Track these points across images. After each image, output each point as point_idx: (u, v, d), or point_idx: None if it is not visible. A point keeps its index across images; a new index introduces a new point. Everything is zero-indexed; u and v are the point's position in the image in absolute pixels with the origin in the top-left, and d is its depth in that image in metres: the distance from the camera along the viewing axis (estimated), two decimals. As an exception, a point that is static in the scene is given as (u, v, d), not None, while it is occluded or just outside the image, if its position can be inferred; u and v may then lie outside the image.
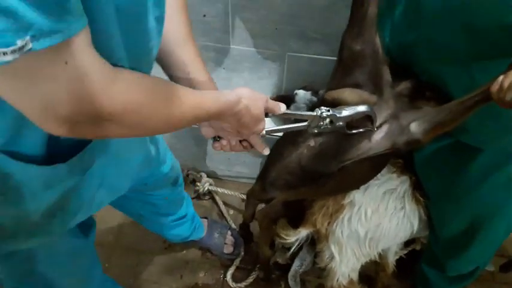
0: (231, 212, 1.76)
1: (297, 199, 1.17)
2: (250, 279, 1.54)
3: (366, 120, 0.87)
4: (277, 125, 0.85)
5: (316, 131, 0.85)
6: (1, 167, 0.58)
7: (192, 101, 0.61)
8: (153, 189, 1.13)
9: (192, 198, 1.76)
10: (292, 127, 0.84)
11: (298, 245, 1.20)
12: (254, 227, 1.58)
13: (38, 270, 0.86)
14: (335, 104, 0.93)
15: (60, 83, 0.43)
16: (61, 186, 0.67)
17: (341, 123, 0.84)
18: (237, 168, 1.78)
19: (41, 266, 0.86)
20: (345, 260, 1.13)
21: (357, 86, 0.96)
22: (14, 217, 0.66)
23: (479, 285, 1.53)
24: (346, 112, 0.83)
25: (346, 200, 1.07)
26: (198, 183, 1.76)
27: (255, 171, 1.76)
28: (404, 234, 1.10)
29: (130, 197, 1.09)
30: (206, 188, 1.74)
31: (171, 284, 1.56)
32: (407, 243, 1.25)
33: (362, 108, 0.84)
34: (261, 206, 1.37)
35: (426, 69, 0.90)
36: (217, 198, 1.76)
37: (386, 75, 0.92)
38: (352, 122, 0.86)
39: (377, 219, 1.05)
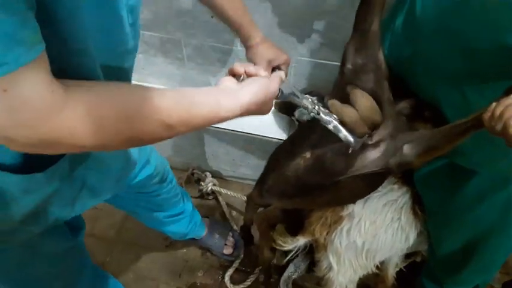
0: (234, 213, 1.75)
1: (293, 208, 1.16)
2: (248, 282, 1.53)
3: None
4: None
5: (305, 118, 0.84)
6: None
7: (175, 119, 0.55)
8: (140, 189, 1.13)
9: (196, 197, 1.77)
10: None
11: (295, 252, 1.19)
12: (255, 229, 1.58)
13: (25, 272, 0.87)
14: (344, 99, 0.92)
15: (1, 111, 0.43)
16: (40, 192, 0.68)
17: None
18: (241, 169, 1.78)
19: (27, 268, 0.87)
20: (343, 270, 1.12)
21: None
22: None
23: (481, 303, 1.49)
24: (329, 123, 0.81)
25: (345, 212, 1.06)
26: (202, 183, 1.76)
27: (259, 174, 1.76)
28: (400, 246, 1.08)
29: (121, 196, 1.10)
30: (210, 188, 1.74)
31: (169, 281, 1.57)
32: (407, 256, 1.22)
33: (346, 136, 0.82)
34: (262, 209, 1.37)
35: (421, 86, 0.88)
36: (220, 198, 1.76)
37: (387, 93, 0.90)
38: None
39: (373, 230, 1.04)
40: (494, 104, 0.64)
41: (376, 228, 1.03)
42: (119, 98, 0.52)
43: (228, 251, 1.58)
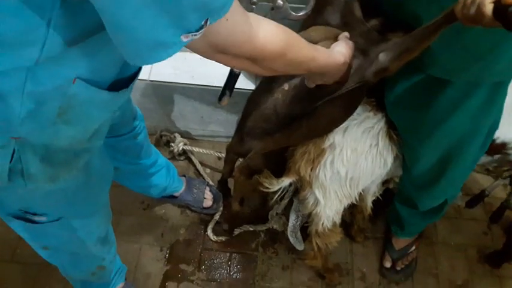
0: (208, 170, 1.76)
1: (274, 149, 1.18)
2: (231, 234, 1.57)
3: None
4: None
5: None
6: (76, 92, 0.64)
7: (311, 54, 0.77)
8: (120, 128, 1.16)
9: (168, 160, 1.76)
10: None
11: (281, 193, 1.22)
12: (231, 182, 1.61)
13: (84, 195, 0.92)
14: None
15: (222, 34, 0.59)
16: (112, 108, 0.78)
17: None
18: (211, 127, 1.78)
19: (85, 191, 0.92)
20: (329, 203, 1.16)
21: (327, 25, 0.97)
22: (69, 138, 0.72)
23: (447, 222, 1.63)
24: None
25: (327, 144, 1.09)
26: (172, 144, 1.75)
27: (230, 130, 1.77)
28: (379, 172, 1.14)
29: None
30: (181, 148, 1.74)
31: (152, 242, 1.57)
32: (382, 183, 1.29)
33: None
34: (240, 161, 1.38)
35: (400, 4, 0.91)
36: (193, 157, 1.76)
37: (357, 12, 0.94)
38: None
39: (355, 158, 1.09)
40: None
41: (358, 156, 1.08)
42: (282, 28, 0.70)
43: (207, 204, 1.60)
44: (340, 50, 0.84)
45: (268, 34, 0.65)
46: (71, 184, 0.82)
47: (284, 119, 1.02)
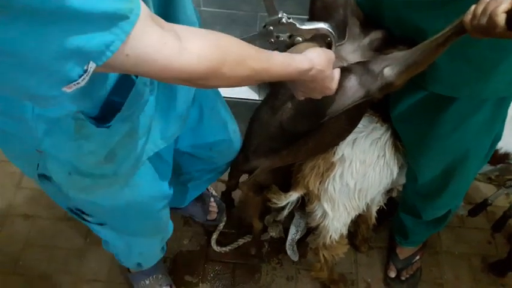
0: (211, 180, 1.76)
1: (280, 166, 1.18)
2: (235, 245, 1.56)
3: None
4: None
5: (272, 40, 0.87)
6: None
7: (259, 66, 0.65)
8: (213, 154, 1.20)
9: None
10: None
11: (289, 208, 1.22)
12: (234, 193, 1.60)
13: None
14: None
15: (128, 67, 0.50)
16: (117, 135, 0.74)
17: (299, 38, 0.88)
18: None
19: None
20: (338, 215, 1.15)
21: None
22: (92, 154, 0.72)
23: (451, 231, 1.63)
24: (306, 26, 0.87)
25: (336, 157, 1.09)
26: (175, 154, 1.74)
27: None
28: (386, 181, 1.14)
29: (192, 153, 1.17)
30: (184, 158, 1.73)
31: (155, 253, 1.56)
32: (387, 192, 1.29)
33: (322, 25, 0.87)
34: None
35: (403, 19, 0.90)
36: (196, 168, 1.75)
37: (355, 28, 0.94)
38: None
39: (363, 169, 1.08)
40: (473, 6, 0.67)
41: (366, 167, 1.08)
42: (222, 42, 0.61)
43: (211, 216, 1.59)
44: (310, 56, 0.74)
45: (195, 54, 0.56)
46: (108, 200, 0.83)
47: (290, 136, 1.02)
